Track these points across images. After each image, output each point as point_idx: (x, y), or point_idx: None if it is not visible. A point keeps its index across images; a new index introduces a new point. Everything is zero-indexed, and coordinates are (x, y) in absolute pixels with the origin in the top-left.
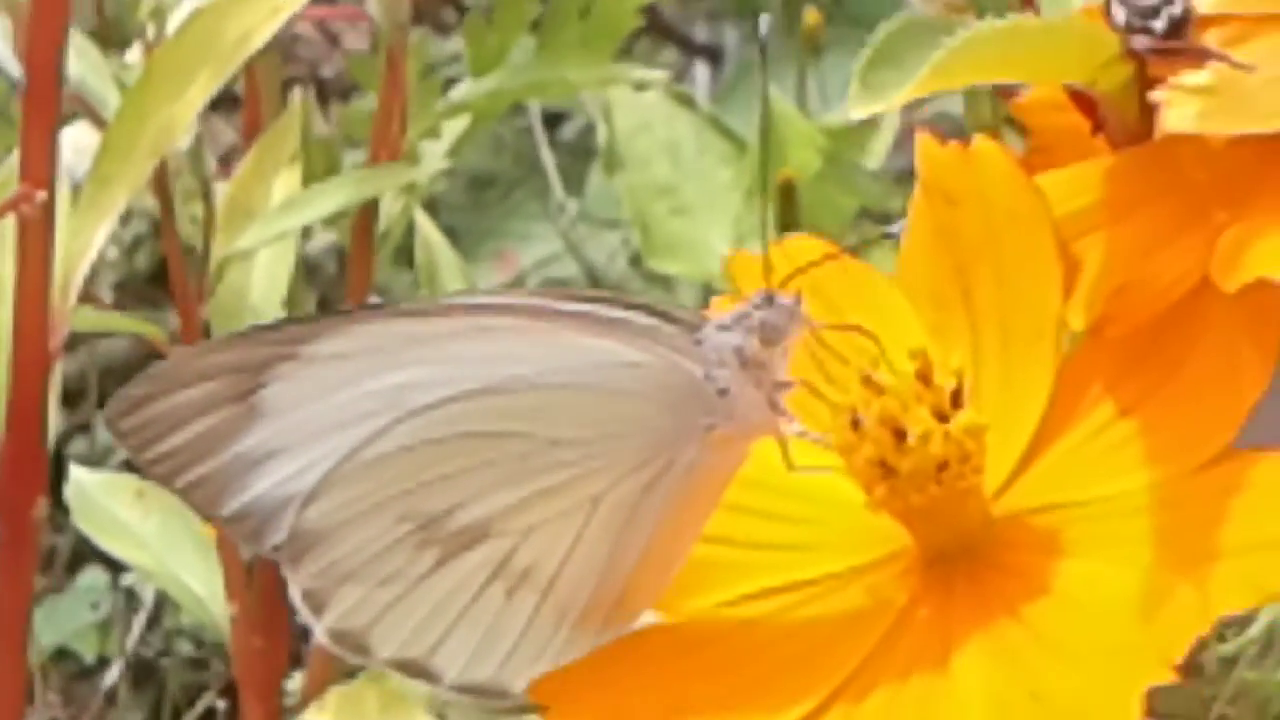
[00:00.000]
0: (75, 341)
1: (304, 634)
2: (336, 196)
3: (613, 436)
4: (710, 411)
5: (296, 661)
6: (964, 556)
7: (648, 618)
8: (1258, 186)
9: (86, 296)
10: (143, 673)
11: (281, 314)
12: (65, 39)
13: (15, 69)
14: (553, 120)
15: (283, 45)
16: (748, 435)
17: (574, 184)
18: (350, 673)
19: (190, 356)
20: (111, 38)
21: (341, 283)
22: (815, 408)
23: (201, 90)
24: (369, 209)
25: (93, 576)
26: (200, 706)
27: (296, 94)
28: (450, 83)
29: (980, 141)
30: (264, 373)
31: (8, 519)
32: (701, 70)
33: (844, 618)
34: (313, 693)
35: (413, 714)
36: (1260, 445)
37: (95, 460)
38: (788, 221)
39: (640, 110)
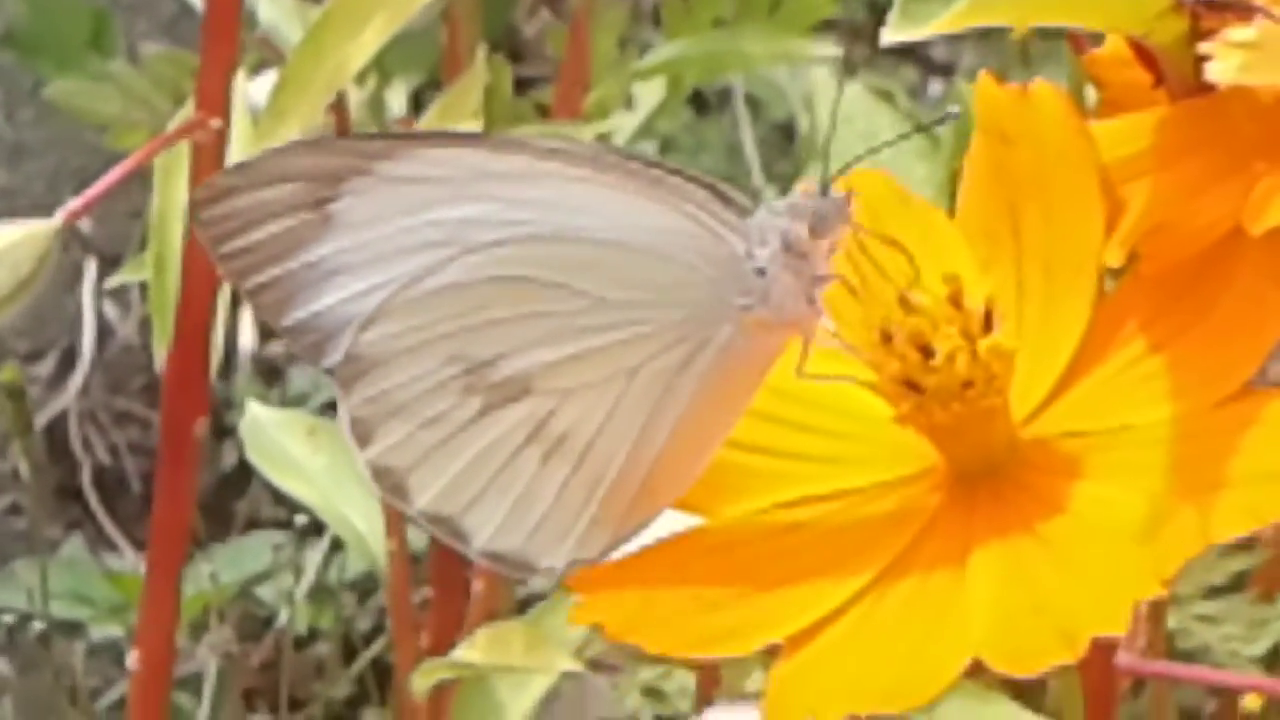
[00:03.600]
0: None
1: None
2: None
3: (657, 304)
4: (747, 291)
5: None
6: (989, 475)
7: (685, 521)
8: None
9: None
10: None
11: None
12: None
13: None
14: (766, 119)
15: None
16: (781, 324)
17: (782, 179)
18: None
19: (274, 156)
20: None
21: None
22: (853, 321)
23: (377, 33)
24: None
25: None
26: (373, 649)
27: (481, 53)
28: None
29: (1037, 84)
30: (339, 184)
31: (170, 438)
32: (935, 86)
33: (873, 526)
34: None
35: (557, 656)
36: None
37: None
38: None
39: (842, 102)
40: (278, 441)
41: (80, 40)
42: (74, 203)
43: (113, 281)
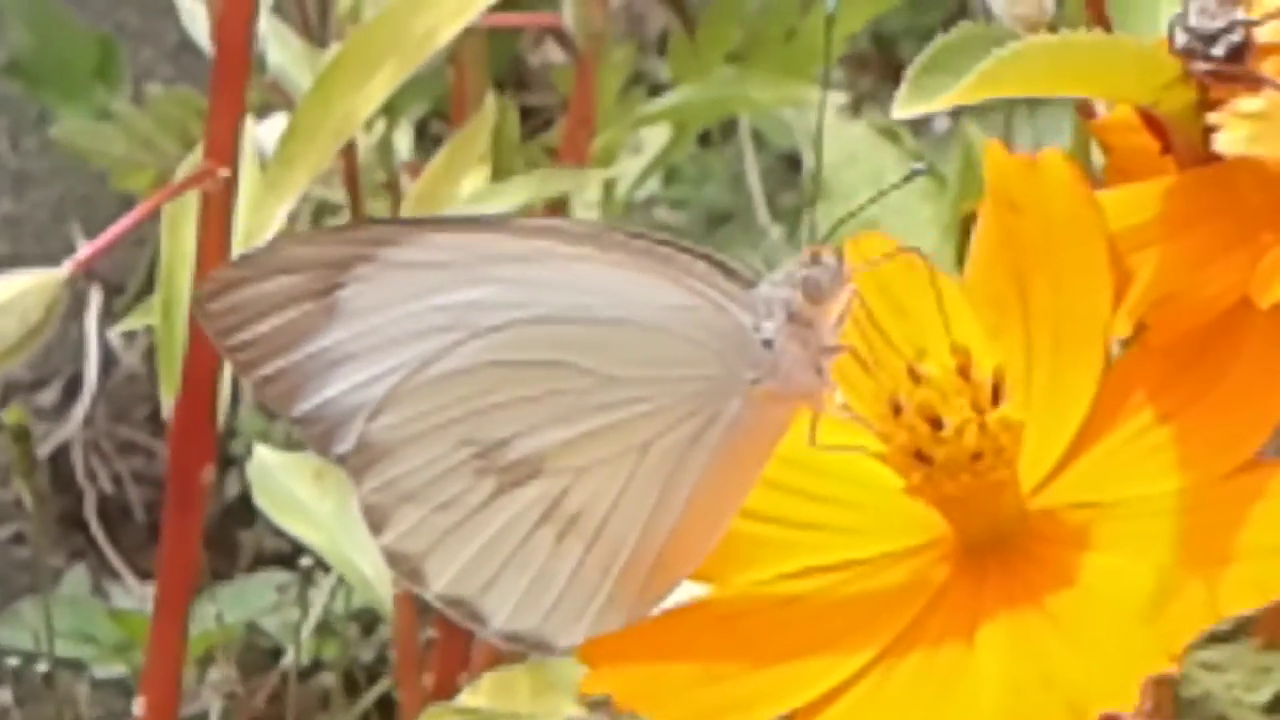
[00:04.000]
0: None
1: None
2: (520, 194)
3: (666, 380)
4: (755, 364)
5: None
6: (998, 546)
7: (695, 591)
8: None
9: None
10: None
11: None
12: (254, 22)
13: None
14: (770, 150)
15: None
16: (790, 395)
17: (785, 212)
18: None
19: (277, 247)
20: (314, 34)
21: None
22: (863, 392)
23: (386, 81)
24: (553, 211)
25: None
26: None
27: (490, 98)
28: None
29: (1047, 153)
30: (344, 272)
31: (178, 484)
32: (940, 122)
33: (881, 598)
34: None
35: (562, 702)
36: None
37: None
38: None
39: (847, 141)
40: (284, 484)
41: (86, 69)
42: (82, 252)
43: (121, 326)
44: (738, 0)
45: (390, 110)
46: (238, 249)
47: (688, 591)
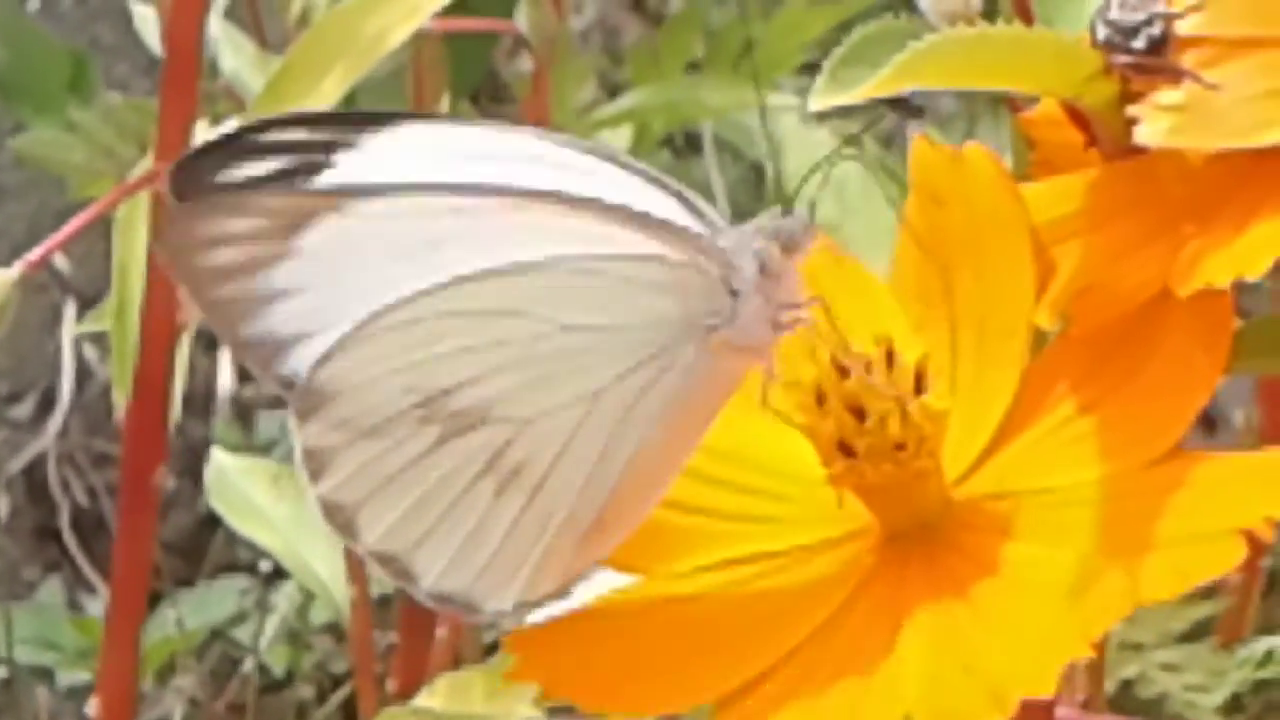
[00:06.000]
0: None
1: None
2: None
3: (624, 328)
4: (716, 312)
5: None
6: (922, 536)
7: (619, 580)
8: (1225, 202)
9: None
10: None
11: None
12: (203, 25)
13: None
14: (744, 161)
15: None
16: (744, 348)
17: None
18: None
19: (245, 196)
20: (266, 38)
21: None
22: (789, 384)
23: (337, 84)
24: None
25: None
26: (338, 696)
27: (445, 101)
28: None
29: (970, 147)
30: (308, 219)
31: (130, 486)
32: (914, 128)
33: (803, 589)
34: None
35: (517, 704)
36: None
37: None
38: None
39: (809, 149)
40: (241, 489)
41: (59, 83)
42: (32, 253)
43: (81, 327)
44: (699, 9)
45: None
46: None
47: (613, 581)
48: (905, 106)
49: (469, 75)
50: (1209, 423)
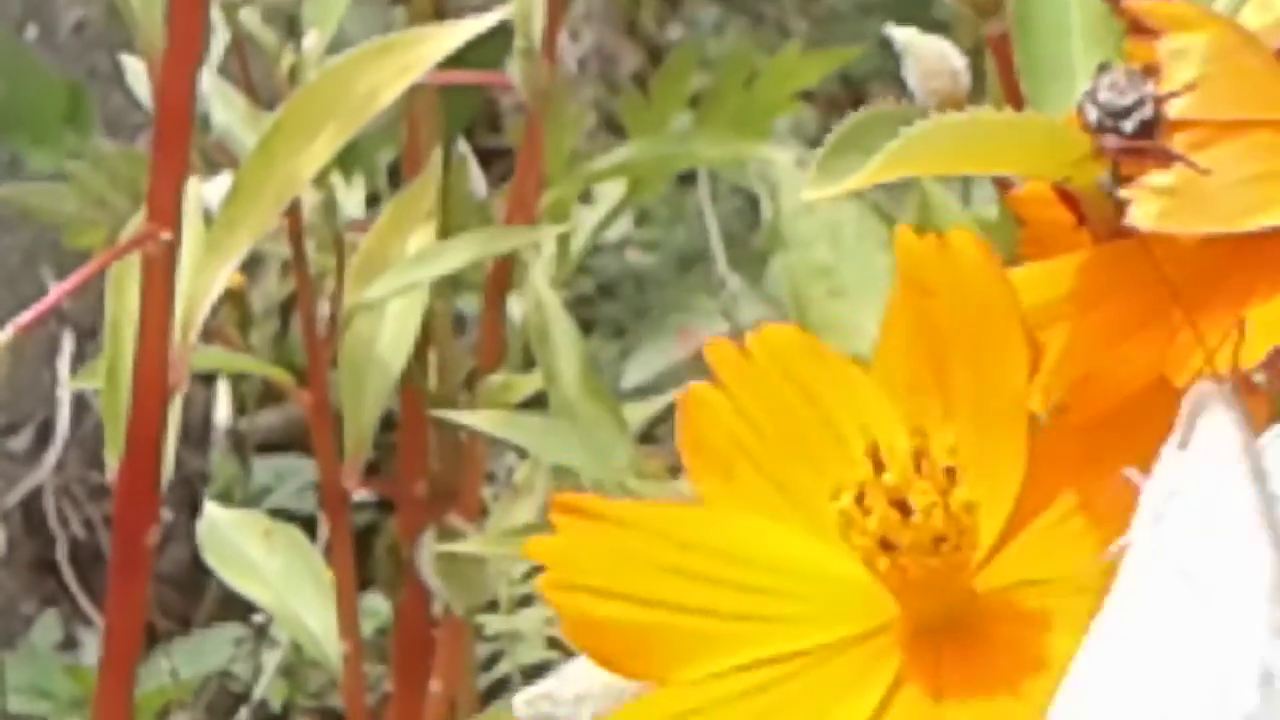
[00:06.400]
0: None
1: None
2: (468, 251)
3: None
4: None
5: None
6: (950, 629)
7: (638, 689)
8: (1217, 287)
9: (217, 336)
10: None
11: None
12: (195, 85)
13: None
14: (742, 191)
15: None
16: None
17: (752, 256)
18: None
19: None
20: (258, 94)
21: None
22: (803, 489)
23: (328, 142)
24: (503, 266)
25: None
26: None
27: (437, 155)
28: None
29: (955, 233)
30: None
31: (122, 545)
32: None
33: (834, 688)
34: None
35: None
36: None
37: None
38: None
39: (804, 191)
40: (233, 542)
41: (55, 115)
42: (23, 316)
43: (75, 382)
44: (694, 52)
45: (344, 166)
46: (181, 312)
47: (631, 690)
48: None
49: (468, 106)
50: None
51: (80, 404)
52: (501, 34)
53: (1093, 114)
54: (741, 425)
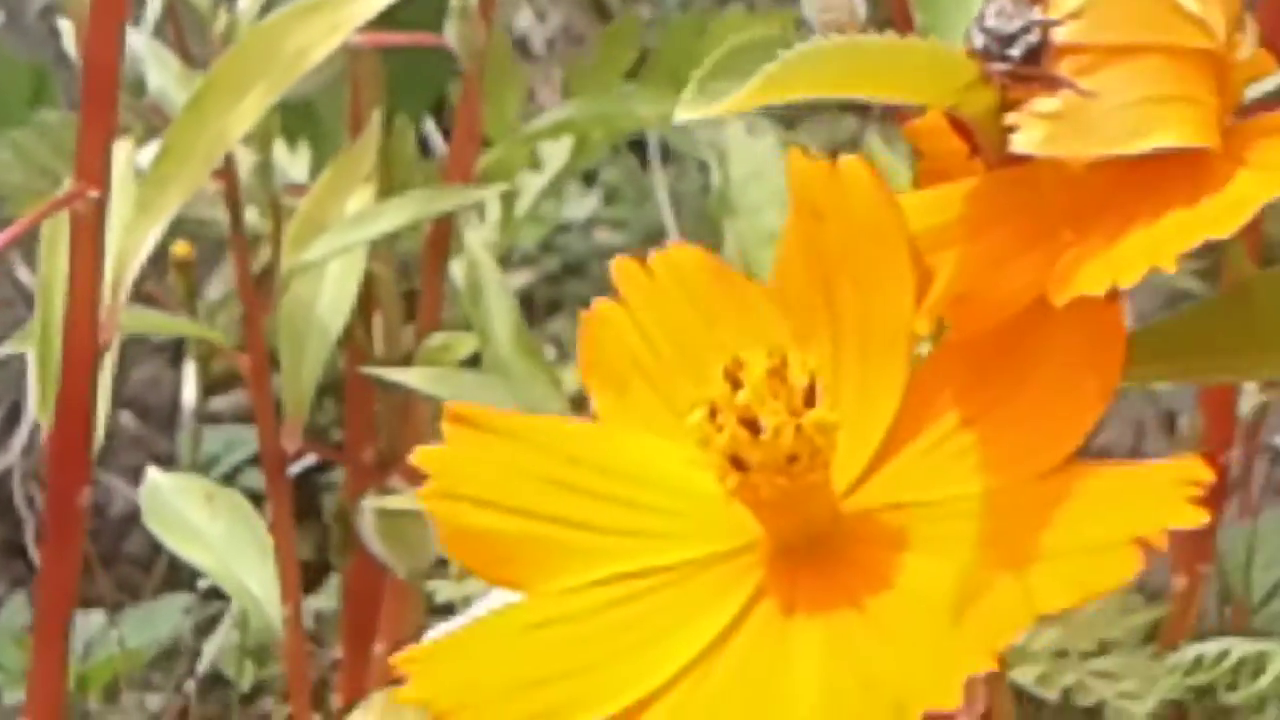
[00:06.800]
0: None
1: None
2: (404, 212)
3: None
4: None
5: None
6: (813, 549)
7: (507, 597)
8: (1103, 210)
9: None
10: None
11: (346, 324)
12: (121, 41)
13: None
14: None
15: None
16: None
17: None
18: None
19: None
20: (195, 58)
21: None
22: (681, 400)
23: (258, 101)
24: (443, 226)
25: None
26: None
27: (375, 118)
28: None
29: (846, 159)
30: None
31: (55, 507)
32: (873, 136)
33: (695, 602)
34: None
35: None
36: None
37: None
38: None
39: (753, 158)
40: (175, 507)
41: (21, 98)
42: None
43: (4, 349)
44: (634, 23)
45: (288, 132)
46: (111, 273)
47: (500, 598)
48: (869, 113)
49: (437, 83)
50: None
51: None
52: None
53: (979, 40)
54: (640, 342)
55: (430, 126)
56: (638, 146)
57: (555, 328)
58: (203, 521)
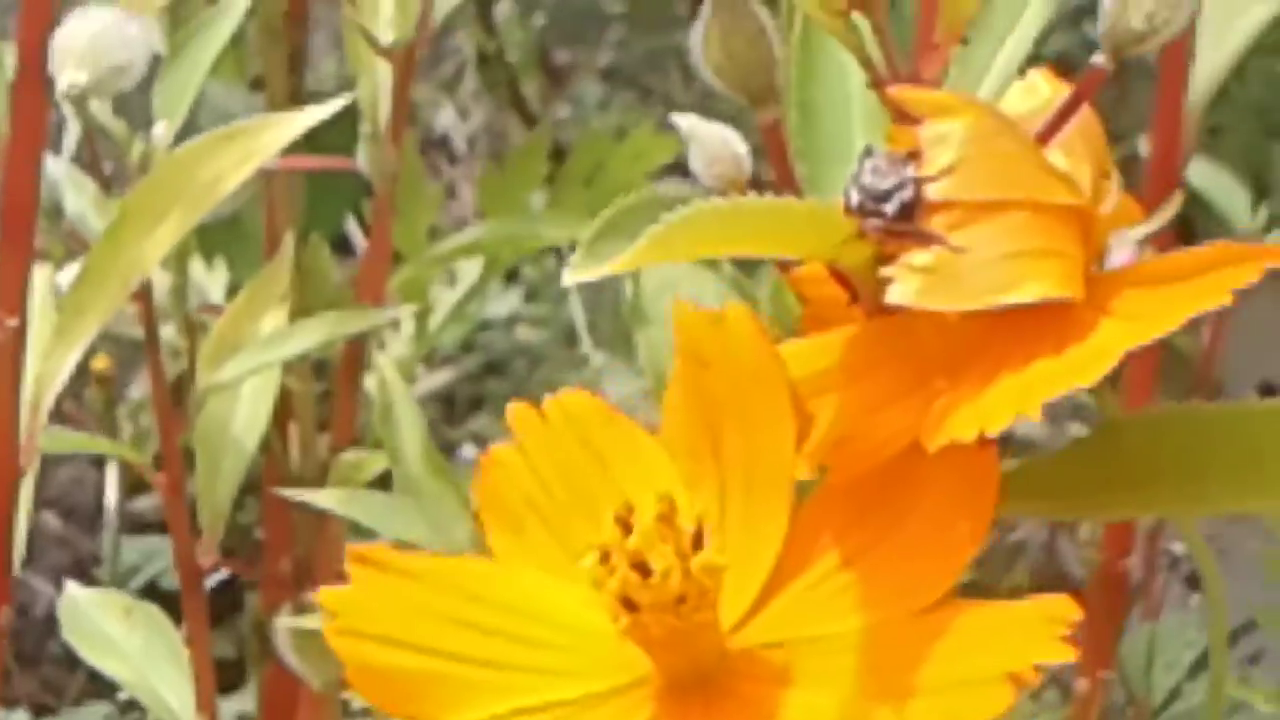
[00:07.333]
0: None
1: None
2: (317, 333)
3: None
4: None
5: None
6: (701, 685)
7: None
8: (975, 358)
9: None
10: None
11: (263, 441)
12: (39, 169)
13: None
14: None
15: None
16: None
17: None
18: None
19: None
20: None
21: None
22: (574, 542)
23: (173, 228)
24: (356, 348)
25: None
26: None
27: (288, 239)
28: None
29: (730, 308)
30: None
31: None
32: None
33: None
34: None
35: None
36: None
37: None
38: None
39: (665, 269)
40: (93, 620)
41: None
42: None
43: None
44: (545, 136)
45: (205, 251)
46: (30, 396)
47: None
48: None
49: (338, 208)
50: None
51: None
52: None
53: (855, 197)
54: (534, 484)
55: (353, 225)
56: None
57: (477, 425)
58: (120, 634)
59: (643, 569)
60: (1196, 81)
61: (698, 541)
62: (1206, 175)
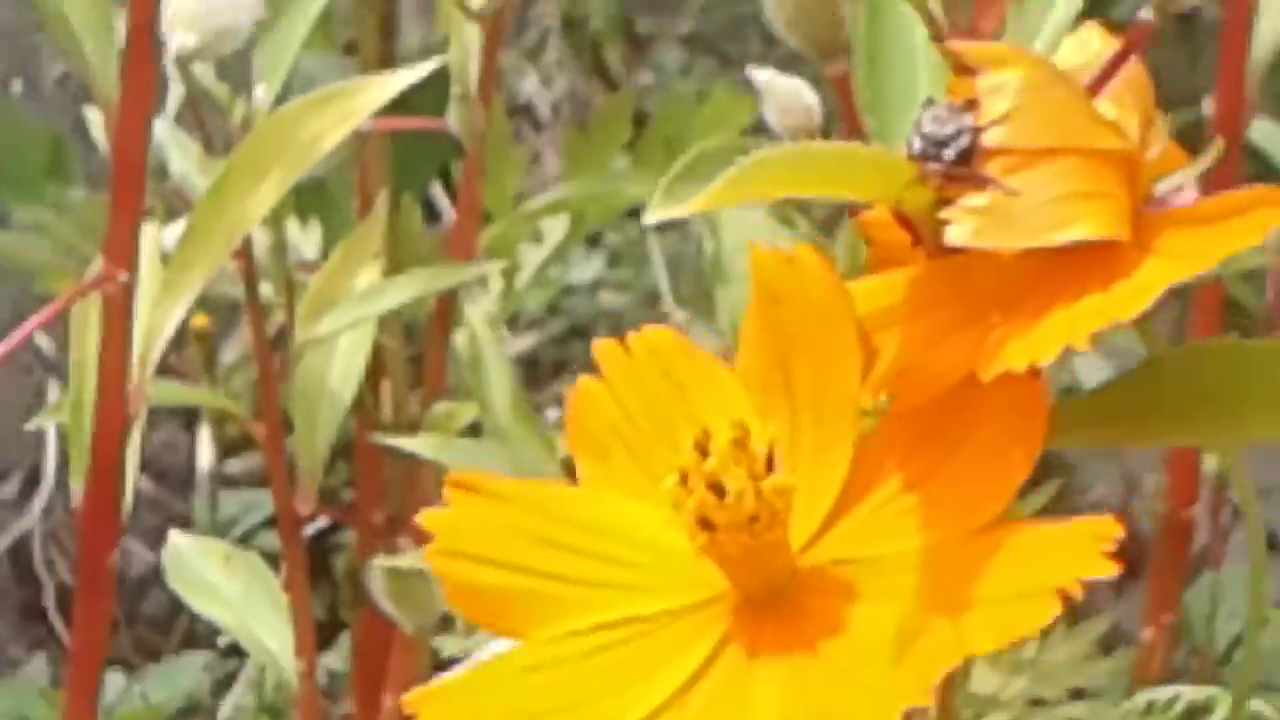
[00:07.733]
0: None
1: None
2: (409, 289)
3: None
4: None
5: None
6: (773, 600)
7: (506, 644)
8: (1027, 295)
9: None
10: None
11: (356, 393)
12: (148, 134)
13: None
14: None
15: None
16: None
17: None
18: None
19: None
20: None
21: None
22: (656, 466)
23: (275, 186)
24: (447, 299)
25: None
26: None
27: (382, 198)
28: None
29: (801, 249)
30: None
31: (87, 565)
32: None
33: (668, 647)
34: None
35: None
36: None
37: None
38: None
39: (745, 227)
40: (195, 568)
41: (39, 167)
42: None
43: (43, 419)
44: (630, 97)
45: (300, 212)
46: (139, 349)
47: (501, 645)
48: None
49: (427, 170)
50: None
51: (67, 450)
52: (447, 80)
53: (917, 144)
54: (618, 413)
55: (439, 191)
56: (640, 211)
57: (561, 388)
58: (221, 581)
59: (718, 490)
60: (1260, 41)
61: (770, 465)
62: (1270, 134)
